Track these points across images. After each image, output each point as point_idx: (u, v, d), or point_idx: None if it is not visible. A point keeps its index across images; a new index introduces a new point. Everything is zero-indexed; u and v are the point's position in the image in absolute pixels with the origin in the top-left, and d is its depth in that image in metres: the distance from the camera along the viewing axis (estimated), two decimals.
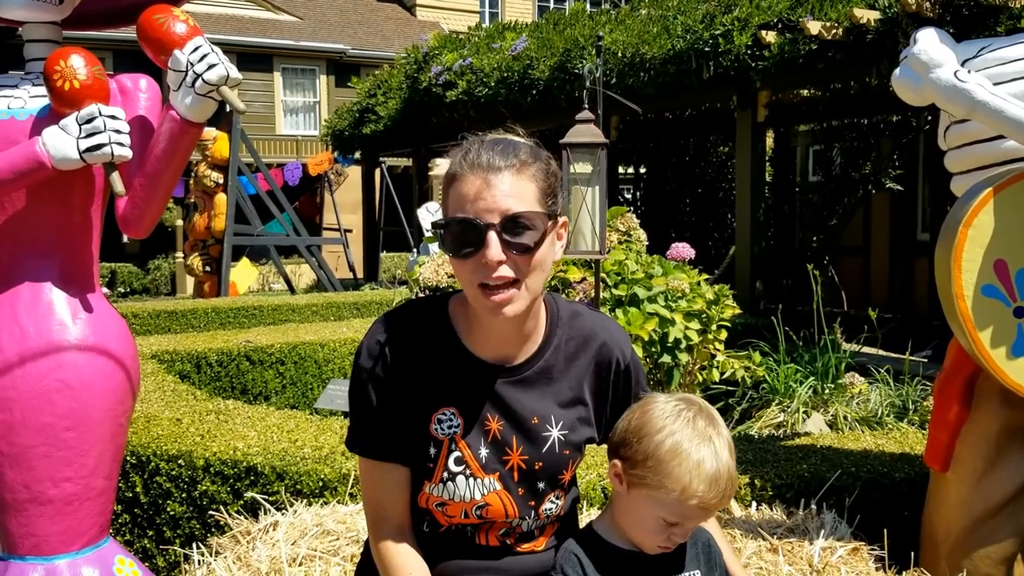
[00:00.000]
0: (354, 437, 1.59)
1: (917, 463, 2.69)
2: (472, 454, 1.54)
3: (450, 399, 1.54)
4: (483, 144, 1.48)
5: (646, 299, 4.70)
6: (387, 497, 1.57)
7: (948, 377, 2.23)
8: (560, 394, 1.58)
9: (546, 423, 1.57)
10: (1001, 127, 1.97)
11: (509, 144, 1.48)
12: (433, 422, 1.54)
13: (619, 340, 1.63)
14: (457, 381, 1.54)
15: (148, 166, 2.29)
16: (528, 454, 1.56)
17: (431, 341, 1.55)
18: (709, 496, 1.46)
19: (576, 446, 1.60)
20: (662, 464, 1.47)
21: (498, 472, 1.55)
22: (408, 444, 1.54)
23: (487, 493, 1.55)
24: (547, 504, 1.60)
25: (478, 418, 1.54)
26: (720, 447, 1.49)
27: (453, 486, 1.54)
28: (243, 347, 5.51)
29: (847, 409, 4.50)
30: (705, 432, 1.49)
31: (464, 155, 1.47)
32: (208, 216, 11.43)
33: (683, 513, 1.49)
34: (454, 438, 1.54)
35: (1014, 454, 2.12)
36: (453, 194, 1.46)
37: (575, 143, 3.14)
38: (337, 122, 14.47)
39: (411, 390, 1.53)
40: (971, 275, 1.95)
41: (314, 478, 2.70)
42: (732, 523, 2.32)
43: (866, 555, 2.13)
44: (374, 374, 1.53)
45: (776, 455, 2.78)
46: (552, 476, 1.58)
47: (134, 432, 3.17)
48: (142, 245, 20.66)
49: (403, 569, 1.55)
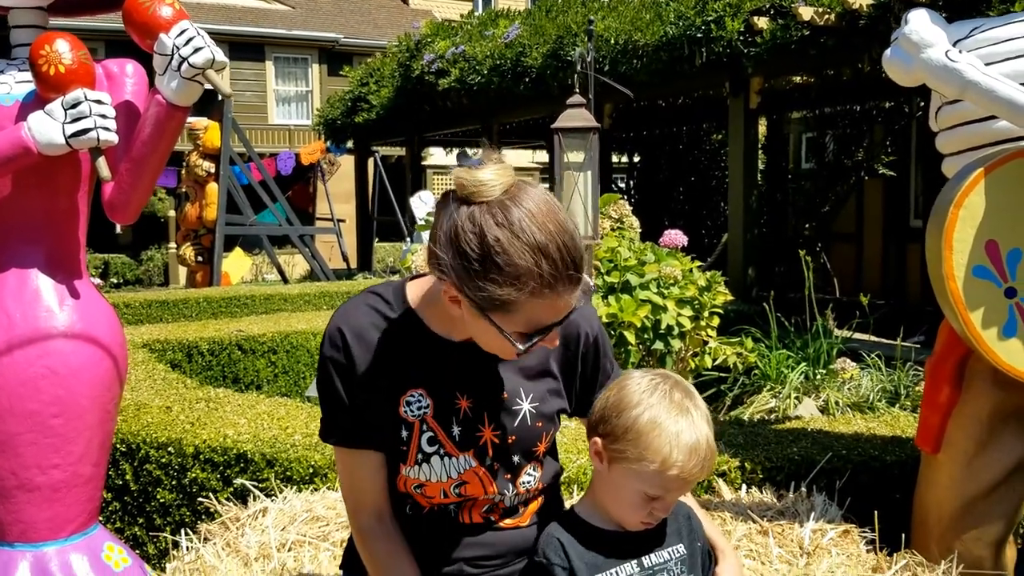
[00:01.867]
0: (326, 428, 1.58)
1: (908, 446, 2.69)
2: (444, 433, 1.54)
3: (417, 381, 1.54)
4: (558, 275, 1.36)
5: (638, 286, 4.69)
6: (365, 484, 1.57)
7: (939, 359, 2.22)
8: (527, 368, 1.59)
9: (516, 397, 1.57)
10: (992, 107, 1.96)
11: (575, 253, 1.39)
12: (402, 405, 1.53)
13: (586, 314, 1.63)
14: (423, 362, 1.54)
15: (134, 151, 2.27)
16: (500, 429, 1.56)
17: (393, 325, 1.55)
18: (689, 466, 1.46)
19: (548, 417, 1.60)
20: (641, 437, 1.48)
21: (472, 449, 1.55)
22: (380, 429, 1.54)
23: (463, 471, 1.55)
24: (524, 477, 1.61)
25: (447, 398, 1.55)
26: (698, 418, 1.49)
27: (428, 467, 1.54)
28: (235, 336, 5.50)
29: (838, 394, 4.50)
30: (682, 404, 1.50)
31: (540, 284, 1.35)
32: (200, 206, 11.39)
33: (664, 485, 1.49)
34: (424, 419, 1.54)
35: (1005, 436, 2.12)
36: (528, 307, 1.38)
37: (566, 127, 3.12)
38: (329, 111, 14.42)
39: (377, 375, 1.52)
40: (962, 256, 1.95)
41: (304, 464, 2.69)
42: (722, 506, 2.32)
43: (856, 537, 2.13)
44: (338, 362, 1.53)
45: (767, 438, 2.78)
46: (527, 449, 1.59)
47: (123, 420, 3.15)
48: (135, 236, 20.60)
49: (383, 553, 1.55)
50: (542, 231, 1.35)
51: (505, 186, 1.37)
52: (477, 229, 1.35)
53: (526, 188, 1.39)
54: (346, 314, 1.55)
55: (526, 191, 1.38)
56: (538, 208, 1.37)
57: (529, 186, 1.40)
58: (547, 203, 1.38)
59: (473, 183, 1.36)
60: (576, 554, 1.54)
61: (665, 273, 4.74)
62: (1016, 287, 1.95)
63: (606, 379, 1.64)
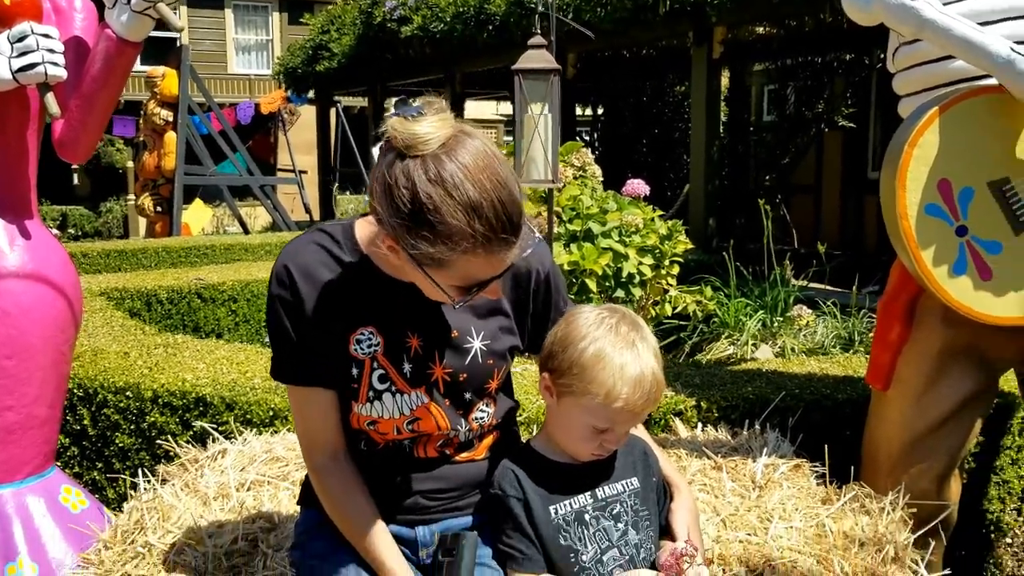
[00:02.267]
0: (277, 366, 1.57)
1: (860, 385, 2.74)
2: (395, 371, 1.54)
3: (367, 318, 1.53)
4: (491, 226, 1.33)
5: (600, 234, 4.71)
6: (316, 421, 1.57)
7: (891, 298, 2.26)
8: (477, 306, 1.58)
9: (466, 335, 1.57)
10: (949, 46, 1.97)
11: (514, 212, 1.35)
12: (352, 343, 1.53)
13: (538, 251, 1.61)
14: (372, 300, 1.53)
15: (84, 87, 2.22)
16: (452, 367, 1.56)
17: (341, 263, 1.53)
18: (634, 398, 1.48)
19: (500, 355, 1.61)
20: (586, 370, 1.49)
21: (423, 386, 1.55)
22: (330, 367, 1.54)
23: (416, 407, 1.56)
24: (477, 413, 1.61)
25: (397, 335, 1.54)
26: (643, 351, 1.50)
27: (380, 404, 1.55)
28: (194, 284, 5.44)
29: (795, 341, 4.57)
30: (628, 337, 1.51)
31: (473, 239, 1.32)
32: (158, 155, 11.17)
33: (610, 417, 1.50)
34: (375, 356, 1.53)
35: (954, 372, 2.17)
36: (461, 263, 1.35)
37: (527, 69, 3.10)
38: (290, 59, 14.17)
39: (325, 313, 1.51)
40: (915, 195, 1.97)
41: (264, 407, 2.68)
42: (678, 443, 2.35)
43: (807, 471, 2.17)
44: (285, 300, 1.51)
45: (723, 379, 2.82)
46: (478, 387, 1.59)
47: (80, 365, 3.12)
48: (93, 187, 20.23)
49: (339, 490, 1.56)
50: (476, 188, 1.30)
51: (443, 139, 1.32)
52: (410, 185, 1.30)
53: (464, 140, 1.33)
54: (293, 252, 1.53)
55: (463, 144, 1.33)
56: (474, 162, 1.31)
57: (468, 138, 1.34)
58: (485, 156, 1.33)
59: (407, 137, 1.31)
60: (530, 486, 1.56)
61: (627, 221, 4.76)
62: (967, 225, 1.98)
63: (559, 316, 1.64)
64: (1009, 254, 1.98)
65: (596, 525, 1.56)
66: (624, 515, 1.58)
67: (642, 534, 1.59)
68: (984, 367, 2.19)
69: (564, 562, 1.54)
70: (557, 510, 1.56)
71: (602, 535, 1.56)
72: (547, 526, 1.54)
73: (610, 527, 1.57)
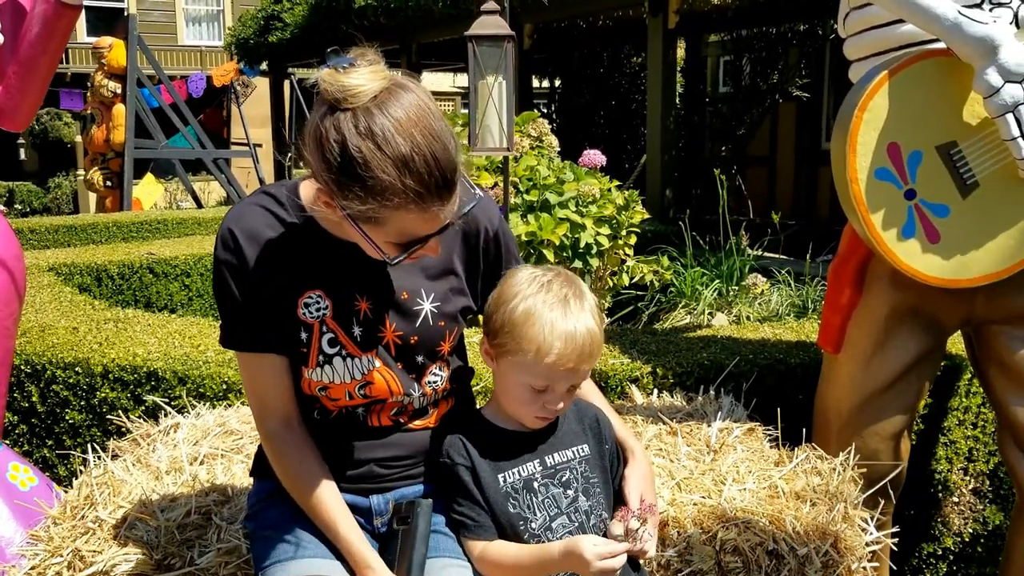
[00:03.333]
0: (226, 334, 1.55)
1: (812, 349, 2.78)
2: (345, 334, 1.53)
3: (315, 282, 1.51)
4: (423, 181, 1.30)
5: (557, 204, 4.70)
6: (268, 388, 1.55)
7: (841, 261, 2.28)
8: (428, 267, 1.57)
9: (416, 297, 1.56)
10: (898, 10, 1.98)
11: (445, 164, 1.32)
12: (300, 307, 1.51)
13: (487, 207, 1.60)
14: (319, 263, 1.51)
15: (22, 52, 2.15)
16: (402, 329, 1.55)
17: (287, 225, 1.50)
18: (567, 352, 1.47)
19: (451, 316, 1.59)
20: (517, 327, 1.48)
21: (374, 350, 1.54)
22: (280, 332, 1.51)
23: (367, 372, 1.54)
24: (430, 377, 1.60)
25: (346, 299, 1.52)
26: (575, 307, 1.49)
27: (331, 368, 1.53)
28: (146, 259, 5.35)
29: (750, 309, 4.62)
30: (560, 293, 1.50)
31: (406, 193, 1.30)
32: (107, 128, 10.93)
33: (545, 375, 1.49)
34: (324, 320, 1.51)
35: (902, 335, 2.20)
36: (396, 219, 1.33)
37: (480, 35, 3.06)
38: (241, 30, 13.92)
39: (272, 277, 1.49)
40: (865, 159, 1.98)
41: (217, 381, 2.65)
42: (634, 410, 2.37)
43: (761, 435, 2.20)
44: (231, 265, 1.48)
45: (678, 346, 2.84)
46: (430, 349, 1.58)
47: (27, 341, 3.05)
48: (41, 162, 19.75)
49: (292, 458, 1.54)
50: (408, 142, 1.27)
51: (375, 91, 1.28)
52: (340, 139, 1.27)
53: (397, 93, 1.30)
54: (238, 215, 1.50)
55: (397, 97, 1.30)
56: (407, 116, 1.28)
57: (402, 91, 1.31)
58: (419, 108, 1.30)
59: (338, 89, 1.28)
60: (478, 453, 1.56)
61: (583, 192, 4.76)
62: (916, 189, 2.00)
63: None
64: (956, 217, 2.01)
65: (545, 492, 1.56)
66: (574, 482, 1.58)
67: (592, 500, 1.58)
68: (932, 329, 2.22)
69: (514, 529, 1.54)
70: (506, 478, 1.55)
71: (551, 502, 1.55)
72: (496, 493, 1.54)
73: (559, 494, 1.56)
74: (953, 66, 1.97)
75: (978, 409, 2.87)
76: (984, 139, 1.98)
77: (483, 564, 1.54)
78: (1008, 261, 2.03)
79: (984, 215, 2.01)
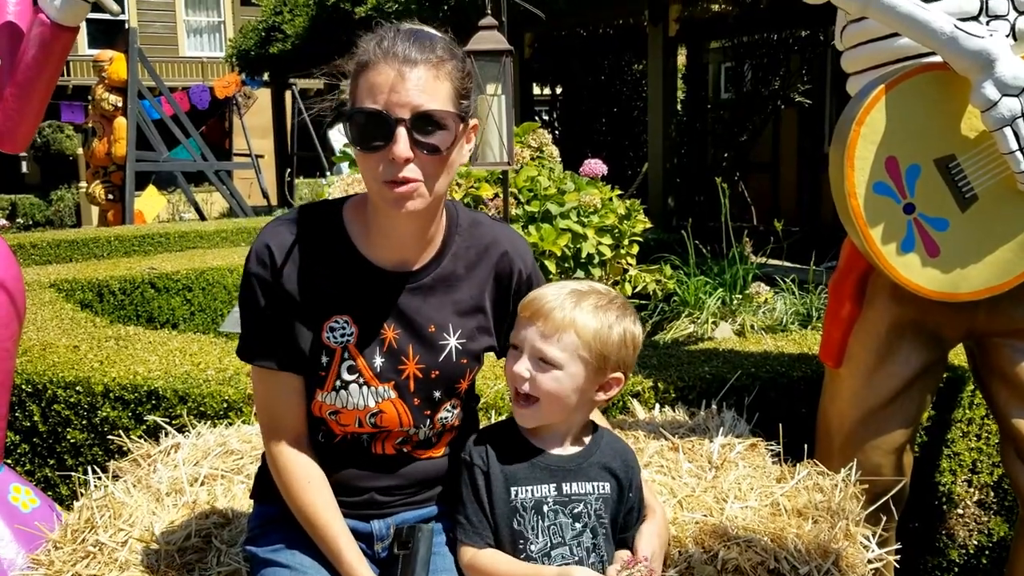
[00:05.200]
0: (245, 345, 1.54)
1: (814, 362, 2.77)
2: (366, 363, 1.52)
3: (344, 307, 1.51)
4: (399, 33, 1.39)
5: (559, 215, 4.70)
6: (281, 406, 1.54)
7: (841, 276, 2.27)
8: (460, 303, 1.56)
9: (443, 332, 1.55)
10: (894, 23, 1.97)
11: (426, 37, 1.40)
12: (325, 330, 1.50)
13: (521, 251, 1.62)
14: (352, 288, 1.51)
15: (19, 74, 2.16)
16: (425, 363, 1.54)
17: (324, 246, 1.50)
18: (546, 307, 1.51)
19: (474, 355, 1.59)
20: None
21: (393, 381, 1.53)
22: (301, 352, 1.51)
23: (381, 400, 1.53)
24: (442, 413, 1.59)
25: (373, 327, 1.52)
26: (586, 301, 1.53)
27: (346, 394, 1.52)
28: (147, 274, 5.35)
29: (754, 318, 4.61)
30: (579, 289, 1.55)
31: (379, 42, 1.38)
32: (108, 141, 10.96)
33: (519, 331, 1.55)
34: (347, 347, 1.51)
35: (903, 349, 2.19)
36: (364, 83, 1.38)
37: (479, 50, 3.06)
38: (243, 42, 13.95)
39: (302, 296, 1.49)
40: (863, 173, 1.98)
41: (218, 399, 2.64)
42: (636, 425, 2.36)
43: (763, 450, 2.19)
44: (263, 279, 1.48)
45: (680, 359, 2.83)
46: (449, 386, 1.57)
47: (28, 360, 3.05)
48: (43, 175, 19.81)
49: (299, 477, 1.53)
50: (395, 27, 1.42)
51: None
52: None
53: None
54: (276, 230, 1.50)
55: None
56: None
57: None
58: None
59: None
60: (497, 462, 1.54)
61: (585, 202, 4.75)
62: (915, 203, 1.99)
63: None
64: (956, 231, 2.00)
65: (553, 519, 1.53)
66: (585, 516, 1.55)
67: (598, 539, 1.55)
68: (933, 343, 2.21)
69: (512, 546, 1.52)
70: (517, 493, 1.53)
71: (556, 530, 1.53)
72: (503, 505, 1.53)
73: (566, 524, 1.54)
74: (950, 79, 1.96)
75: (981, 421, 2.86)
76: (982, 152, 1.98)
77: (472, 571, 1.52)
78: (1008, 274, 2.02)
79: (983, 228, 2.00)
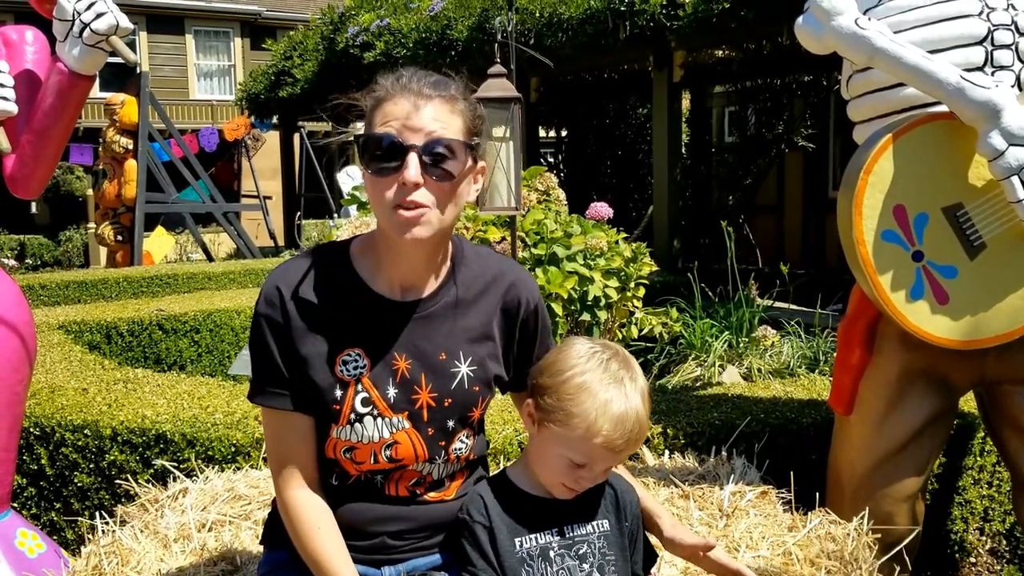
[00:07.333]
0: (256, 388, 1.55)
1: (824, 408, 2.76)
2: (379, 394, 1.53)
3: (355, 340, 1.53)
4: (417, 72, 1.49)
5: (565, 258, 4.71)
6: (291, 448, 1.54)
7: (850, 322, 2.28)
8: (469, 330, 1.59)
9: (454, 359, 1.57)
10: (901, 74, 2.00)
11: (442, 78, 1.49)
12: (338, 364, 1.52)
13: (527, 283, 1.65)
14: (362, 321, 1.53)
15: (36, 122, 2.19)
16: (437, 391, 1.55)
17: (333, 282, 1.54)
18: (614, 436, 1.46)
19: (485, 382, 1.60)
20: (570, 401, 1.47)
21: (407, 411, 1.54)
22: (312, 391, 1.52)
23: (396, 431, 1.54)
24: (456, 444, 1.60)
25: (384, 358, 1.53)
26: (631, 391, 1.49)
27: (361, 427, 1.53)
28: (155, 315, 5.37)
29: (761, 362, 4.59)
30: (617, 374, 1.49)
31: (396, 78, 1.47)
32: (118, 183, 11.05)
33: (588, 453, 1.48)
34: (360, 379, 1.52)
35: (914, 395, 2.19)
36: (379, 113, 1.46)
37: (487, 98, 3.10)
38: (252, 85, 14.09)
39: (312, 334, 1.51)
40: (872, 221, 1.99)
41: (226, 443, 2.64)
42: (645, 471, 2.35)
43: (774, 498, 2.17)
44: (272, 321, 1.51)
45: (689, 404, 2.83)
46: (462, 415, 1.58)
47: (37, 403, 3.06)
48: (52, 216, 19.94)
49: (310, 523, 1.52)
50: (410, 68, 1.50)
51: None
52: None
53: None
54: (285, 272, 1.54)
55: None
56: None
57: None
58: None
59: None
60: (498, 514, 1.54)
61: (591, 245, 4.77)
62: (923, 251, 2.00)
63: (543, 351, 1.65)
64: (965, 278, 2.00)
65: (560, 563, 1.54)
66: (590, 556, 1.56)
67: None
68: (944, 390, 2.21)
69: None
70: (522, 543, 1.54)
71: (565, 573, 1.53)
72: (511, 557, 1.52)
73: (574, 567, 1.54)
74: (957, 129, 1.98)
75: (993, 468, 2.84)
76: (990, 201, 1.99)
77: None
78: (1018, 322, 2.02)
79: (992, 276, 2.01)
